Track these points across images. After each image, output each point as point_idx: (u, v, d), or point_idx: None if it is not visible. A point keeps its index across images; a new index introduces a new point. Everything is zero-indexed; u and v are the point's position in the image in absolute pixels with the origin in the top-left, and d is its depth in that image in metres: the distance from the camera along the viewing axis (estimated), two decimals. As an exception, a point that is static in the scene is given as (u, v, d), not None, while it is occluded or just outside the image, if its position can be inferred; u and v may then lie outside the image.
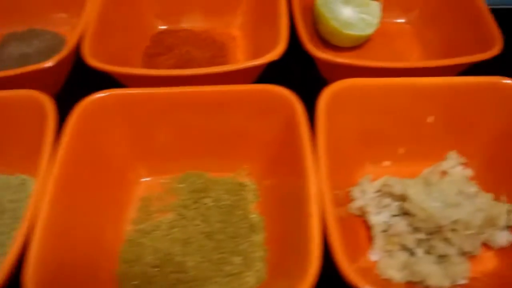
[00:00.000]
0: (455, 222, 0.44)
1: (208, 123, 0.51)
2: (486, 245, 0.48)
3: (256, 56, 0.55)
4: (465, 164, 0.54)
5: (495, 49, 0.53)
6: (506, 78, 0.50)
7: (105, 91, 0.49)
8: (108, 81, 0.54)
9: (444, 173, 0.53)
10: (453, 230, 0.44)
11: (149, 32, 0.67)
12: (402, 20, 0.70)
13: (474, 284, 0.46)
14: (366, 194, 0.50)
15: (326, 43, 0.66)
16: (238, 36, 0.67)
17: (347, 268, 0.38)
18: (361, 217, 0.50)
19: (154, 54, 0.64)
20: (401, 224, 0.46)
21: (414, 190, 0.46)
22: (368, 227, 0.49)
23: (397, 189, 0.47)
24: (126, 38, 0.63)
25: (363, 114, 0.51)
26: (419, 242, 0.46)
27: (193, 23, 0.69)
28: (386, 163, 0.55)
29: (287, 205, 0.46)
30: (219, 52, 0.65)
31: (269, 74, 0.57)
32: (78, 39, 0.54)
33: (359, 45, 0.66)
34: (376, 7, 0.64)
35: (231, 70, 0.51)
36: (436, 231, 0.45)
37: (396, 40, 0.67)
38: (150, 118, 0.51)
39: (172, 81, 0.51)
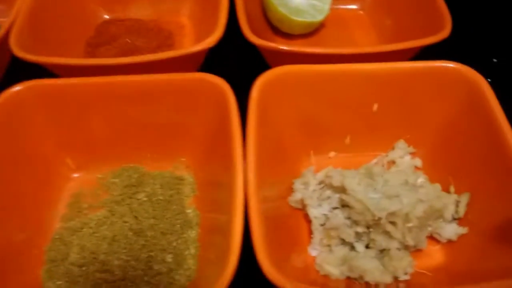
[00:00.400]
0: (392, 214, 0.41)
1: (141, 114, 0.49)
2: (434, 239, 0.45)
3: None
4: (414, 154, 0.51)
5: (445, 32, 0.50)
6: (451, 62, 0.47)
7: (24, 82, 0.46)
8: (47, 73, 0.51)
9: (392, 163, 0.50)
10: (392, 223, 0.41)
11: (93, 22, 0.64)
12: (355, 6, 0.67)
13: (418, 279, 0.43)
14: (309, 186, 0.47)
15: (278, 31, 0.62)
16: (187, 25, 0.65)
17: (267, 266, 0.35)
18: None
19: (97, 44, 0.61)
20: (338, 217, 0.44)
21: (352, 181, 0.44)
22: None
23: (336, 180, 0.45)
24: (67, 28, 0.60)
25: (304, 102, 0.49)
26: (360, 236, 0.44)
27: (141, 12, 0.66)
28: (332, 153, 0.52)
29: (218, 200, 0.43)
30: (165, 41, 0.62)
31: (214, 63, 0.56)
32: (7, 29, 0.51)
33: (311, 32, 0.63)
34: (327, -8, 0.62)
35: (158, 59, 0.48)
36: (375, 224, 0.42)
37: (350, 26, 0.65)
38: (78, 110, 0.48)
39: (109, 71, 0.48)
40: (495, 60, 0.63)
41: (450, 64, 0.47)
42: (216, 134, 0.46)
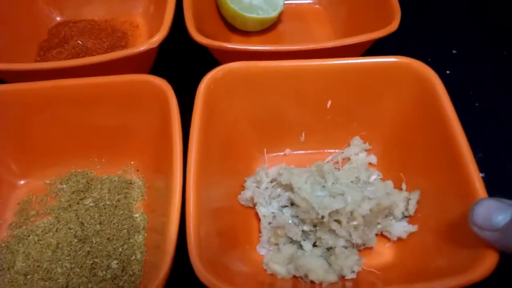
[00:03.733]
0: (336, 212, 0.40)
1: (87, 117, 0.48)
2: (385, 237, 0.45)
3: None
4: (370, 151, 0.50)
5: (393, 25, 0.49)
6: (402, 57, 0.46)
7: None
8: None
9: (348, 159, 0.50)
10: (337, 221, 0.41)
11: (46, 25, 0.63)
12: (310, 1, 0.66)
13: (367, 278, 0.43)
14: (261, 184, 0.46)
15: (234, 28, 0.62)
16: (141, 24, 0.64)
17: (198, 266, 0.35)
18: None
19: (49, 47, 0.60)
20: (285, 216, 0.43)
21: (299, 179, 0.43)
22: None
23: (285, 178, 0.44)
24: (19, 32, 0.59)
25: (255, 100, 0.48)
26: (307, 234, 0.43)
27: (94, 12, 0.65)
28: (287, 151, 0.51)
29: (161, 202, 0.43)
30: (118, 42, 0.61)
31: (165, 63, 0.55)
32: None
33: (267, 28, 0.62)
34: (281, -12, 0.61)
35: (102, 61, 0.47)
36: (320, 223, 0.41)
37: (306, 21, 0.64)
38: (22, 115, 0.47)
39: (57, 75, 0.47)
40: (454, 51, 0.62)
41: (402, 59, 0.46)
42: (160, 136, 0.45)
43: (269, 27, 0.62)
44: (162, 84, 0.44)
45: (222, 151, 0.46)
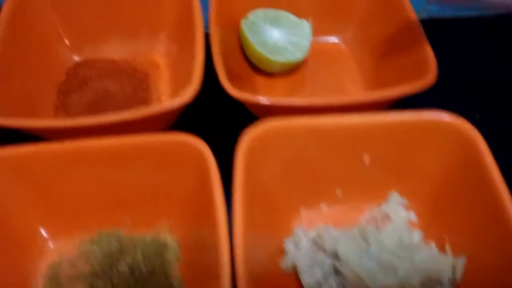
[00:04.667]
0: (388, 286, 0.39)
1: (116, 176, 0.46)
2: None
3: (178, 90, 0.49)
4: (408, 207, 0.49)
5: (430, 77, 0.48)
6: (445, 113, 0.45)
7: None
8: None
9: (386, 217, 0.48)
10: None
11: (63, 65, 0.60)
12: (336, 40, 0.64)
13: None
14: (300, 247, 0.45)
15: (257, 68, 0.60)
16: (162, 64, 0.62)
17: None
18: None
19: (68, 90, 0.58)
20: (331, 286, 0.42)
21: (345, 247, 0.42)
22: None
23: (328, 244, 0.43)
24: (36, 77, 0.56)
25: (291, 155, 0.47)
26: (355, 306, 0.42)
27: (113, 52, 0.62)
28: (324, 206, 0.50)
29: (204, 266, 0.41)
30: (140, 84, 0.59)
31: (192, 112, 0.52)
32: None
33: (293, 69, 0.60)
34: (306, 28, 0.59)
35: (130, 119, 0.45)
36: (370, 296, 0.40)
37: (332, 62, 0.62)
38: (49, 176, 0.45)
39: (82, 129, 0.45)
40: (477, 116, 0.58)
41: (443, 116, 0.45)
42: (197, 195, 0.44)
43: (294, 67, 0.60)
44: (198, 144, 0.43)
45: (261, 211, 0.44)
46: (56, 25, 0.59)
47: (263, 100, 0.47)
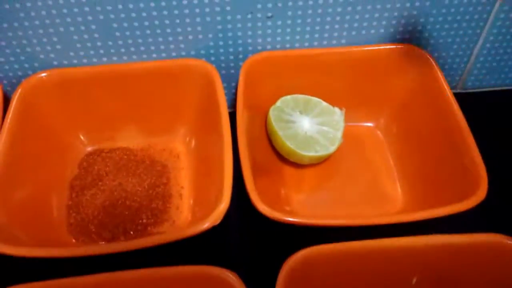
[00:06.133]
0: None
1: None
2: None
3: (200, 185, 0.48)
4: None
5: (480, 194, 0.43)
6: (507, 237, 0.41)
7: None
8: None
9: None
10: None
11: (75, 156, 0.56)
12: (370, 124, 0.60)
13: None
14: None
15: (285, 159, 0.55)
16: (183, 153, 0.57)
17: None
18: None
19: (82, 187, 0.54)
20: None
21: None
22: None
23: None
24: (45, 169, 0.53)
25: (335, 281, 0.43)
26: None
27: (129, 140, 0.58)
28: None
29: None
30: (158, 179, 0.55)
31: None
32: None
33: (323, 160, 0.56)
34: (339, 117, 0.55)
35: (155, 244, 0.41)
36: None
37: (365, 149, 0.58)
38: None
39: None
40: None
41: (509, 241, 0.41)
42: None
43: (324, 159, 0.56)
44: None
45: None
46: (68, 116, 0.56)
47: (304, 220, 0.43)
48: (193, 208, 0.52)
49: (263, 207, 0.42)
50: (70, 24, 0.52)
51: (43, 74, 0.53)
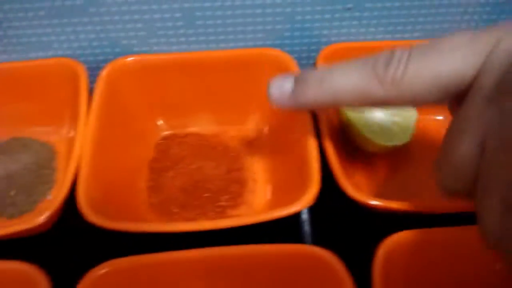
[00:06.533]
0: None
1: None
2: None
3: (276, 178, 0.50)
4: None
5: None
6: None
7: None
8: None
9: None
10: None
11: (152, 139, 0.58)
12: (441, 117, 0.61)
13: None
14: None
15: (350, 146, 0.57)
16: (254, 140, 0.59)
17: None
18: None
19: (160, 169, 0.56)
20: None
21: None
22: None
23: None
24: (128, 153, 0.54)
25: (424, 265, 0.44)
26: None
27: (201, 125, 0.60)
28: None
29: None
30: (234, 164, 0.57)
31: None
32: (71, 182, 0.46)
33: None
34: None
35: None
36: None
37: (435, 141, 0.59)
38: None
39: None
40: None
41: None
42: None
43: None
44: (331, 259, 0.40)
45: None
46: (147, 100, 0.58)
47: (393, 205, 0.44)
48: (272, 192, 0.53)
49: (354, 193, 0.43)
50: (156, 11, 0.53)
51: (130, 59, 0.54)
